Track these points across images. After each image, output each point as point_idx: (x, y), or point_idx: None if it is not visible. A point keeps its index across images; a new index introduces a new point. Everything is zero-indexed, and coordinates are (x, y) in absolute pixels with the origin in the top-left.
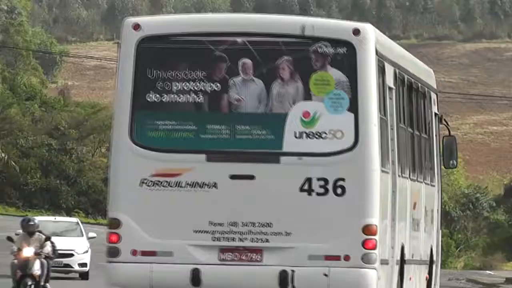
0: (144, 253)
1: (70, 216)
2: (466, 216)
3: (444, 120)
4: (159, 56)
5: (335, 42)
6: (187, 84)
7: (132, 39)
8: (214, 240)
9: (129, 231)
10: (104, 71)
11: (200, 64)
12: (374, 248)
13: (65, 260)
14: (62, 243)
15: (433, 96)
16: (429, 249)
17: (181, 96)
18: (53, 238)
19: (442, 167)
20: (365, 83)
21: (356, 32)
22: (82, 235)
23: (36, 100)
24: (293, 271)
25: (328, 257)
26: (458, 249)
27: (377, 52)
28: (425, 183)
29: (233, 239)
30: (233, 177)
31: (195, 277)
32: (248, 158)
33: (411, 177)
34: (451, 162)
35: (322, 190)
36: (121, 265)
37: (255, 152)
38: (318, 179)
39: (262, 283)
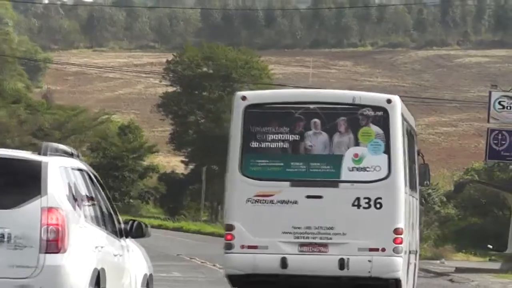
0: (249, 247)
1: None
2: (419, 210)
3: (421, 153)
4: (258, 117)
5: (375, 108)
6: (277, 135)
7: (240, 106)
8: (295, 238)
9: (239, 232)
10: (84, 76)
11: (285, 122)
12: (401, 243)
13: None
14: None
15: (415, 136)
16: (415, 243)
17: (273, 143)
18: None
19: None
20: (394, 135)
21: (389, 101)
22: None
23: (21, 103)
24: (348, 258)
25: (371, 249)
26: None
27: (402, 115)
28: (415, 198)
29: (308, 237)
30: (308, 197)
31: (283, 263)
32: (318, 184)
33: (412, 195)
34: (425, 182)
35: (366, 205)
36: (234, 255)
37: (323, 180)
38: (364, 198)
39: (328, 267)
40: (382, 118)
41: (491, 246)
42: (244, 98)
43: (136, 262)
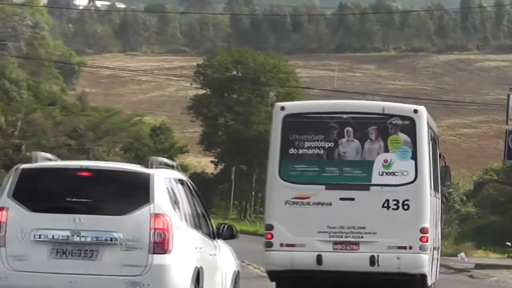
0: (288, 245)
1: None
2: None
3: (443, 156)
4: (295, 126)
5: (403, 118)
6: (313, 143)
7: (279, 115)
8: (330, 237)
9: (278, 232)
10: (117, 79)
11: (321, 130)
12: (427, 241)
13: None
14: None
15: (437, 140)
16: (438, 240)
17: (309, 150)
18: None
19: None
20: (421, 142)
21: (416, 111)
22: None
23: (57, 105)
24: (378, 255)
25: (399, 247)
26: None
27: (427, 123)
28: (437, 198)
29: (341, 236)
30: (342, 199)
31: (319, 260)
32: (350, 187)
33: (435, 195)
34: (446, 182)
35: (395, 207)
36: (274, 253)
37: (355, 184)
38: (393, 200)
39: (360, 263)
40: (409, 126)
41: (509, 244)
42: (283, 108)
43: (226, 260)
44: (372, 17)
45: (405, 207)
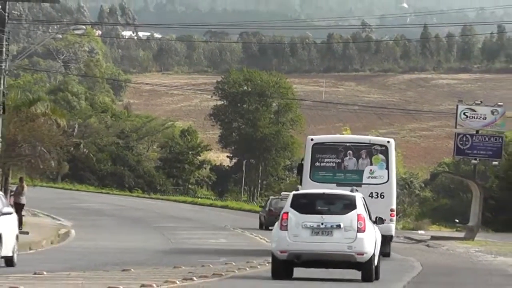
0: None
1: (131, 193)
2: (403, 193)
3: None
4: (319, 149)
5: (381, 145)
6: (329, 159)
7: (310, 143)
8: None
9: None
10: (155, 93)
11: (333, 152)
12: (393, 216)
13: None
14: None
15: (392, 148)
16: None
17: (327, 163)
18: None
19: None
20: (391, 159)
21: (388, 142)
22: None
23: (108, 112)
24: None
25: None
26: (398, 216)
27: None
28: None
29: None
30: None
31: None
32: (350, 185)
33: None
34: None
35: (376, 196)
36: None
37: (353, 183)
38: (375, 193)
39: None
40: (384, 150)
41: (457, 220)
42: (312, 139)
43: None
44: (352, 45)
45: (382, 197)
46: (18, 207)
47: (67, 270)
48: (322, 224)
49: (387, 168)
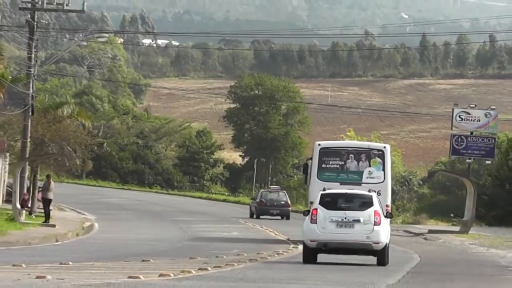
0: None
1: (151, 189)
2: (403, 190)
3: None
4: (325, 153)
5: (378, 150)
6: (334, 162)
7: (317, 148)
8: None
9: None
10: (173, 96)
11: (337, 156)
12: (389, 211)
13: None
14: None
15: (387, 152)
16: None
17: (332, 165)
18: None
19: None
20: (387, 162)
21: (385, 147)
22: None
23: (129, 114)
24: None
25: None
26: (398, 211)
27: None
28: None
29: None
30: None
31: None
32: (351, 184)
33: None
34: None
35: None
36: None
37: (354, 182)
38: (372, 191)
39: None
40: (381, 154)
41: (453, 215)
42: (319, 145)
43: None
44: (356, 53)
45: (379, 194)
46: (46, 202)
47: (91, 261)
48: (345, 218)
49: (383, 169)
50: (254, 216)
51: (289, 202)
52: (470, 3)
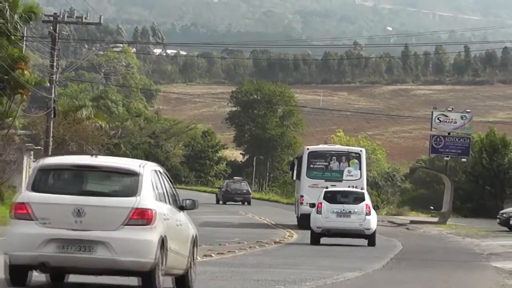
0: (309, 204)
1: None
2: (387, 185)
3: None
4: (313, 155)
5: (355, 153)
6: (319, 163)
7: (306, 151)
8: None
9: (306, 198)
10: (181, 100)
11: (323, 157)
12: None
13: None
14: None
15: (363, 155)
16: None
17: (318, 166)
18: None
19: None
20: (362, 162)
21: (361, 151)
22: None
23: (141, 116)
24: None
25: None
26: (383, 203)
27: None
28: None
29: None
30: (331, 185)
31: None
32: (334, 181)
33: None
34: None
35: (352, 188)
36: (304, 207)
37: (336, 179)
38: (351, 186)
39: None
40: (358, 156)
41: (432, 207)
42: (307, 149)
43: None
44: (345, 61)
45: (357, 189)
46: None
47: None
48: (343, 210)
49: (360, 169)
50: (221, 202)
51: (250, 191)
52: (447, 16)
